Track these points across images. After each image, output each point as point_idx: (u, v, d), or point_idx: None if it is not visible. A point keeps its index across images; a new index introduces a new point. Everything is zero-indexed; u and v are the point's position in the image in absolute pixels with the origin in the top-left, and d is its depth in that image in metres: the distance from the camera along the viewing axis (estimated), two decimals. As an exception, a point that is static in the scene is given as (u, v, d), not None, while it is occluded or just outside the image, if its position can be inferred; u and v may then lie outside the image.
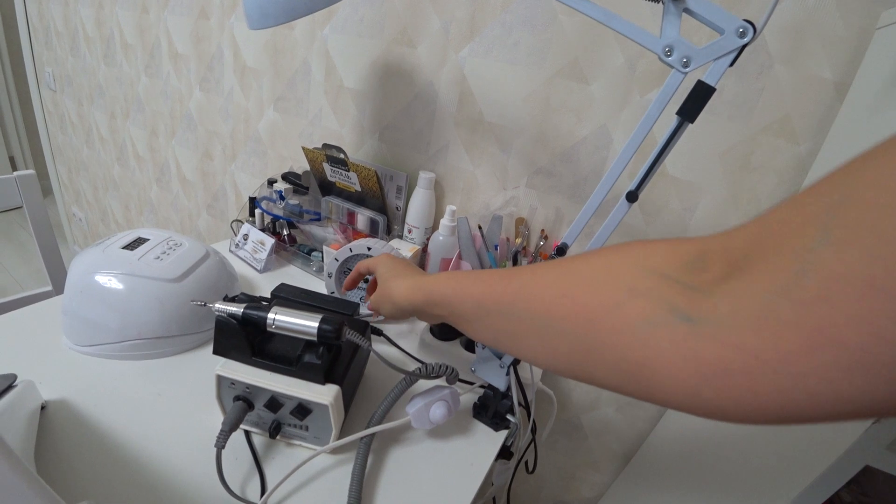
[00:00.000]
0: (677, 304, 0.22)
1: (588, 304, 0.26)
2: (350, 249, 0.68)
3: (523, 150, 0.80)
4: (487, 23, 0.77)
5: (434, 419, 0.56)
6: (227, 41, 1.18)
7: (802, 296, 0.18)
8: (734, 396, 0.20)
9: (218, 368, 0.50)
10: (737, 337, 0.19)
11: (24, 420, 0.47)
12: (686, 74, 0.39)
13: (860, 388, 0.17)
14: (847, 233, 0.17)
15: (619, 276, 0.26)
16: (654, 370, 0.22)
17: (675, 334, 0.21)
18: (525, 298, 0.31)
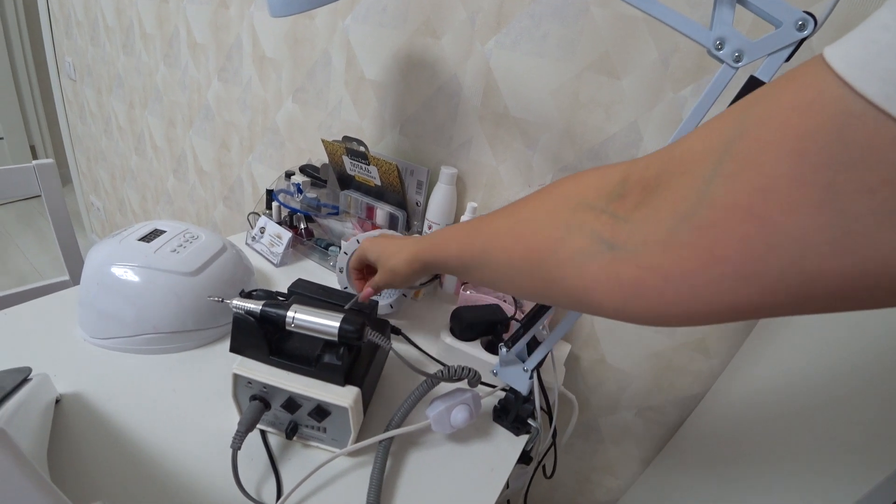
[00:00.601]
0: (603, 235, 0.26)
1: (537, 246, 0.30)
2: (357, 241, 0.66)
3: (549, 146, 0.78)
4: (515, 14, 0.74)
5: (455, 423, 0.55)
6: (247, 30, 1.16)
7: (698, 222, 0.21)
8: (651, 307, 0.24)
9: (235, 367, 0.49)
10: (648, 259, 0.23)
11: (39, 414, 0.46)
12: (737, 70, 0.36)
13: (742, 294, 0.21)
14: (735, 167, 0.20)
15: (558, 214, 0.30)
16: (593, 294, 0.26)
17: (602, 262, 0.25)
18: (489, 251, 0.35)
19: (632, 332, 0.82)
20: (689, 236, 0.21)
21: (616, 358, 0.86)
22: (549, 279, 0.30)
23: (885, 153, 0.16)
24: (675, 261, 0.22)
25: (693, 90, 0.65)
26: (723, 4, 0.35)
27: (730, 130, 0.21)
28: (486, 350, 0.68)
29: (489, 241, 0.36)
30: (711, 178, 0.21)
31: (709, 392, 0.80)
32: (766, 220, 0.19)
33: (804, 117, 0.18)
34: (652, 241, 0.23)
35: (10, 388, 0.43)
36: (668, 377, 0.82)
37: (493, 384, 0.63)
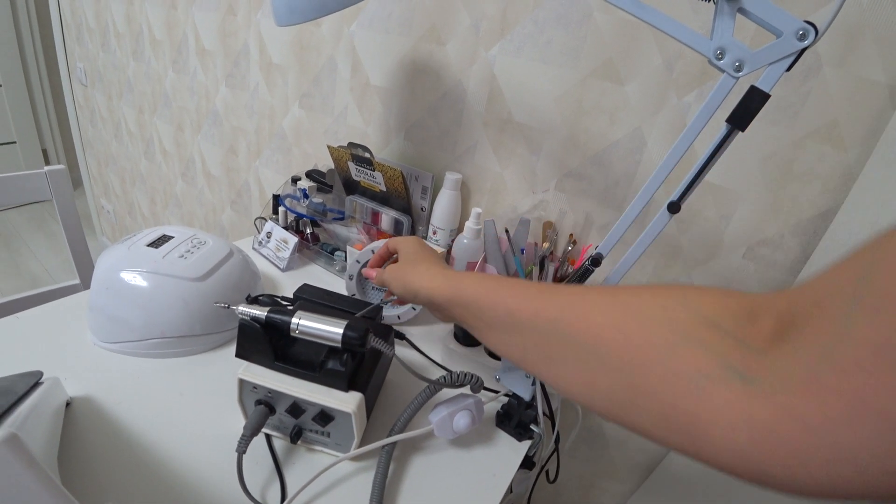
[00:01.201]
0: (733, 362, 0.22)
1: (641, 342, 0.25)
2: (371, 251, 0.67)
3: (553, 151, 0.78)
4: (519, 20, 0.75)
5: (457, 429, 0.55)
6: (254, 37, 1.18)
7: (842, 362, 0.18)
8: (783, 462, 0.19)
9: (240, 372, 0.50)
10: (786, 399, 0.19)
11: (50, 417, 0.47)
12: (738, 80, 0.36)
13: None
14: (876, 299, 0.18)
15: (674, 318, 0.25)
16: (706, 425, 0.22)
17: (730, 392, 0.21)
18: (569, 321, 0.29)
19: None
20: (835, 381, 0.18)
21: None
22: (644, 389, 0.25)
23: None
24: (818, 407, 0.18)
25: (697, 95, 0.65)
26: (723, 14, 0.35)
27: (864, 260, 0.19)
28: (489, 355, 0.68)
29: (572, 308, 0.29)
30: (850, 312, 0.18)
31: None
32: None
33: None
34: (792, 380, 0.20)
35: (22, 393, 0.44)
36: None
37: (496, 389, 0.63)
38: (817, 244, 0.63)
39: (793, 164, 0.63)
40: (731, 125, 0.36)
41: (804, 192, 0.63)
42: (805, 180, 0.63)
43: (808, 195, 0.63)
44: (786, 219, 0.65)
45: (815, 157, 0.61)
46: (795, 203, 0.64)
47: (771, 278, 0.68)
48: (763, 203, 0.66)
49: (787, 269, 0.67)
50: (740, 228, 0.68)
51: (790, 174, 0.63)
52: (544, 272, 0.75)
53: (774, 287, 0.68)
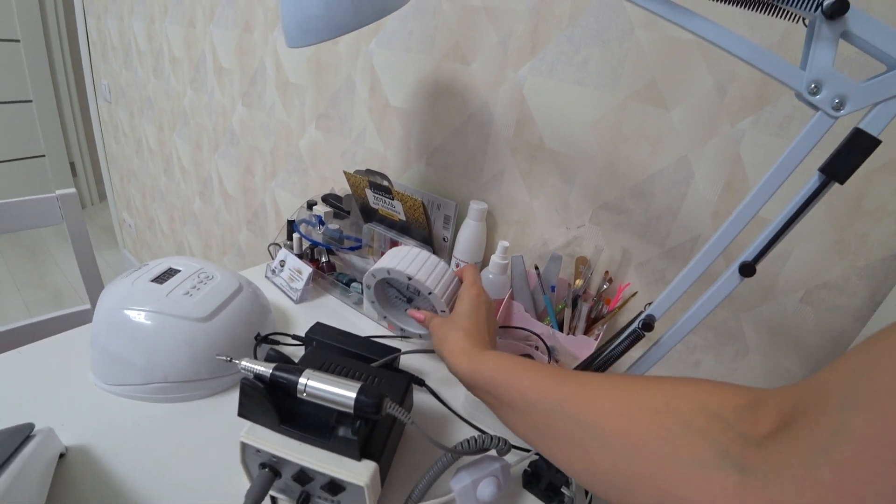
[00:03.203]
0: (729, 451, 0.22)
1: (642, 428, 0.26)
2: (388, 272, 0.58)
3: (588, 181, 0.72)
4: (552, 37, 0.69)
5: (482, 498, 0.49)
6: (270, 55, 1.15)
7: (838, 457, 0.18)
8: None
9: (242, 435, 0.45)
10: (780, 493, 0.20)
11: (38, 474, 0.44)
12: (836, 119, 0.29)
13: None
14: (871, 396, 0.18)
15: (678, 408, 0.26)
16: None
17: (725, 481, 0.22)
18: (576, 403, 0.30)
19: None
20: (829, 474, 0.18)
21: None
22: (641, 472, 0.25)
23: None
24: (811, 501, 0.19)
25: (753, 122, 0.58)
26: (822, 40, 0.28)
27: (861, 359, 0.20)
28: (517, 407, 0.62)
29: (579, 392, 0.31)
30: (846, 406, 0.19)
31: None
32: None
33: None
34: (787, 475, 0.20)
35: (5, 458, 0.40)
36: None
37: (525, 448, 0.57)
38: (889, 289, 0.56)
39: (862, 200, 0.55)
40: (826, 176, 0.30)
41: (875, 231, 0.56)
42: (876, 217, 0.55)
43: (879, 234, 0.56)
44: (852, 260, 0.58)
45: (889, 192, 0.54)
46: (864, 242, 0.57)
47: (833, 325, 0.61)
48: (826, 242, 0.58)
49: (853, 315, 0.59)
50: (799, 269, 0.61)
51: (859, 210, 0.56)
52: (577, 311, 0.68)
53: (836, 335, 0.61)
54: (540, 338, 0.66)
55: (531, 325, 0.67)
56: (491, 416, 0.61)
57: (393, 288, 0.63)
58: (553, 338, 0.66)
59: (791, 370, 0.64)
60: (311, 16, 0.52)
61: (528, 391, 0.34)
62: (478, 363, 0.41)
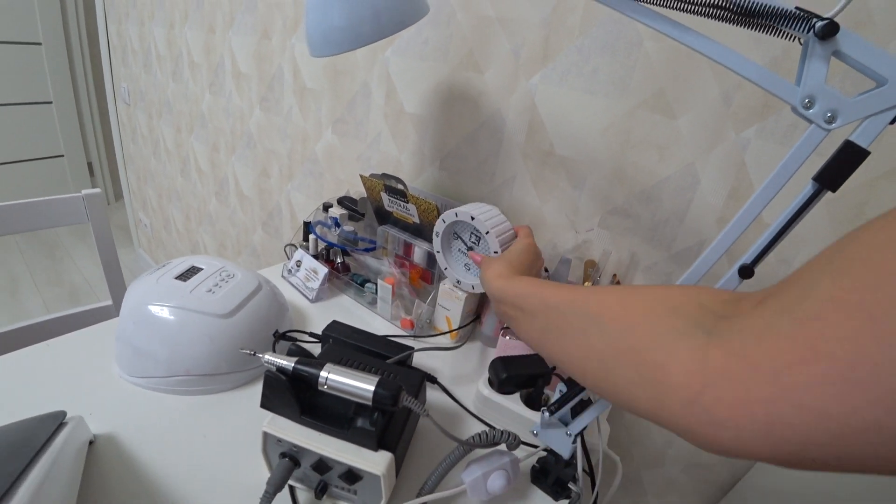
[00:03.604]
0: (704, 323, 0.25)
1: (635, 313, 0.29)
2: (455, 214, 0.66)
3: (597, 186, 0.74)
4: (563, 47, 0.71)
5: (492, 490, 0.51)
6: (288, 61, 1.18)
7: (801, 314, 0.19)
8: (728, 403, 0.21)
9: (265, 425, 0.47)
10: (741, 345, 0.21)
11: (71, 460, 0.46)
12: (829, 132, 0.31)
13: (845, 405, 0.17)
14: (844, 264, 0.19)
15: (671, 298, 0.28)
16: (667, 371, 0.24)
17: (692, 342, 0.24)
18: (586, 301, 0.33)
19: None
20: (789, 328, 0.20)
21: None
22: (627, 347, 0.28)
23: None
24: (769, 352, 0.20)
25: (758, 130, 0.60)
26: (814, 58, 0.30)
27: (841, 242, 0.21)
28: (525, 404, 0.64)
29: (591, 297, 0.34)
30: (820, 276, 0.20)
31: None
32: (874, 316, 0.17)
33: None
34: (748, 330, 0.22)
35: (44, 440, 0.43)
36: (722, 433, 0.76)
37: (533, 444, 0.59)
38: None
39: (864, 207, 0.57)
40: (819, 184, 0.32)
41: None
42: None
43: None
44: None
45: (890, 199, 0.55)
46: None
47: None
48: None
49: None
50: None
51: (861, 217, 0.57)
52: (585, 313, 0.70)
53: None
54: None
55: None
56: (500, 413, 0.63)
57: (458, 240, 0.71)
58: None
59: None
60: (334, 27, 0.55)
61: (548, 298, 0.37)
62: (511, 283, 0.45)
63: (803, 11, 0.29)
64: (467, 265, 0.71)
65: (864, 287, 0.18)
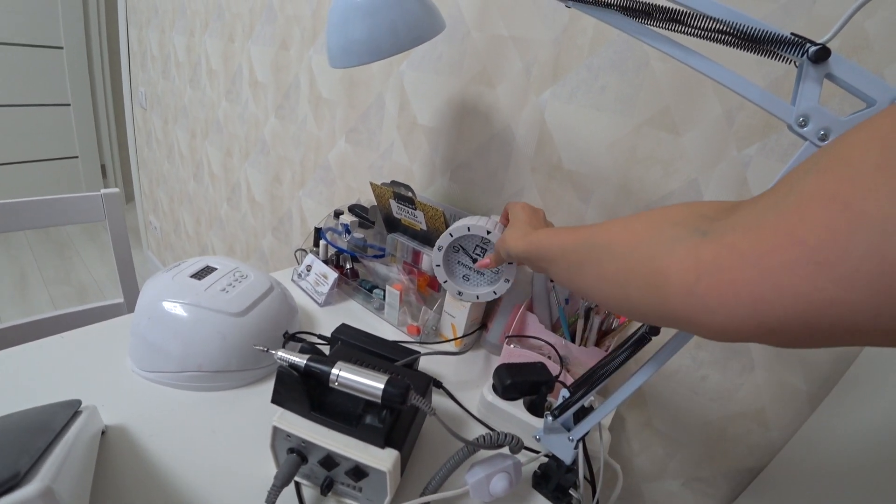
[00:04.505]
0: (701, 226, 0.26)
1: (640, 233, 0.31)
2: (468, 229, 0.66)
3: (604, 200, 0.76)
4: (573, 66, 0.74)
5: (494, 492, 0.52)
6: (305, 72, 1.21)
7: (784, 208, 0.21)
8: (718, 289, 0.23)
9: (275, 420, 0.49)
10: (731, 238, 0.23)
11: (86, 447, 0.48)
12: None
13: (814, 284, 0.19)
14: (827, 162, 0.21)
15: (672, 214, 0.30)
16: (667, 273, 0.26)
17: (689, 243, 0.26)
18: (597, 234, 0.36)
19: (682, 397, 0.77)
20: (773, 219, 0.22)
21: (664, 422, 0.81)
22: (636, 263, 0.29)
23: None
24: (754, 241, 0.22)
25: (759, 148, 0.62)
26: (808, 80, 0.32)
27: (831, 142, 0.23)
28: (528, 411, 0.65)
29: (601, 229, 0.36)
30: (805, 174, 0.22)
31: (767, 467, 0.73)
32: (848, 203, 0.19)
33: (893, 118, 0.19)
34: (739, 225, 0.24)
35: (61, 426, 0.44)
36: (720, 447, 0.76)
37: (535, 449, 0.60)
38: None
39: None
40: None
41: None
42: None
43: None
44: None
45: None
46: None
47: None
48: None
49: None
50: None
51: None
52: (589, 324, 0.71)
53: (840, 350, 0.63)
54: (553, 347, 0.69)
55: (545, 335, 0.70)
56: (503, 419, 0.65)
57: (460, 252, 0.71)
58: (566, 348, 0.69)
59: (796, 386, 0.66)
60: (354, 40, 0.57)
61: (565, 242, 0.40)
62: (531, 239, 0.47)
63: (798, 37, 0.31)
64: (466, 276, 0.71)
65: (841, 180, 0.19)
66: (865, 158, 0.19)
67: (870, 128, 0.20)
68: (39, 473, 0.33)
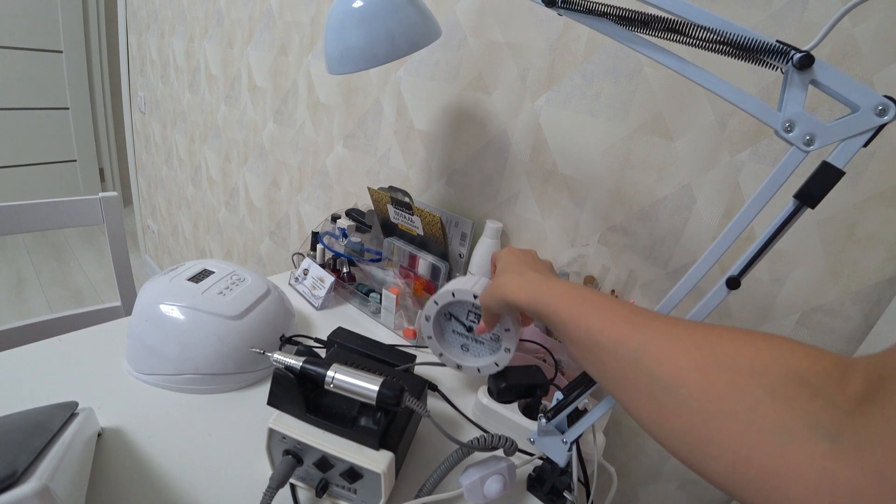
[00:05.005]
0: (819, 420, 0.21)
1: (722, 389, 0.25)
2: (452, 294, 0.60)
3: (598, 205, 0.76)
4: (567, 72, 0.75)
5: (488, 494, 0.52)
6: (303, 77, 1.22)
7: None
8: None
9: (271, 421, 0.49)
10: (874, 464, 0.19)
11: (82, 449, 0.47)
12: (808, 154, 0.34)
13: None
14: None
15: (763, 370, 0.24)
16: (784, 481, 0.21)
17: (814, 450, 0.21)
18: (652, 354, 0.28)
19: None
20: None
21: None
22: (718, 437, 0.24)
23: None
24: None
25: (751, 154, 0.63)
26: (793, 86, 0.33)
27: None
28: (523, 414, 0.65)
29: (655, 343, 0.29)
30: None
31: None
32: None
33: None
34: (880, 444, 0.19)
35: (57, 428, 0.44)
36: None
37: (530, 452, 0.60)
38: (882, 312, 0.59)
39: (854, 228, 0.59)
40: (799, 201, 0.34)
41: (867, 257, 0.59)
42: (867, 244, 0.59)
43: (871, 260, 0.59)
44: (846, 285, 0.61)
45: (880, 221, 0.58)
46: (857, 268, 0.60)
47: (828, 347, 0.63)
48: (820, 267, 0.62)
49: (847, 337, 0.62)
50: (795, 293, 0.64)
51: (851, 238, 0.59)
52: (583, 327, 0.72)
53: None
54: (549, 351, 0.70)
55: (540, 338, 0.71)
56: (498, 422, 0.65)
57: (452, 321, 0.65)
58: (561, 351, 0.70)
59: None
60: (351, 47, 0.58)
61: (597, 333, 0.32)
62: (537, 290, 0.40)
63: (783, 44, 0.32)
64: (465, 346, 0.66)
65: None
66: None
67: None
68: (36, 472, 0.34)
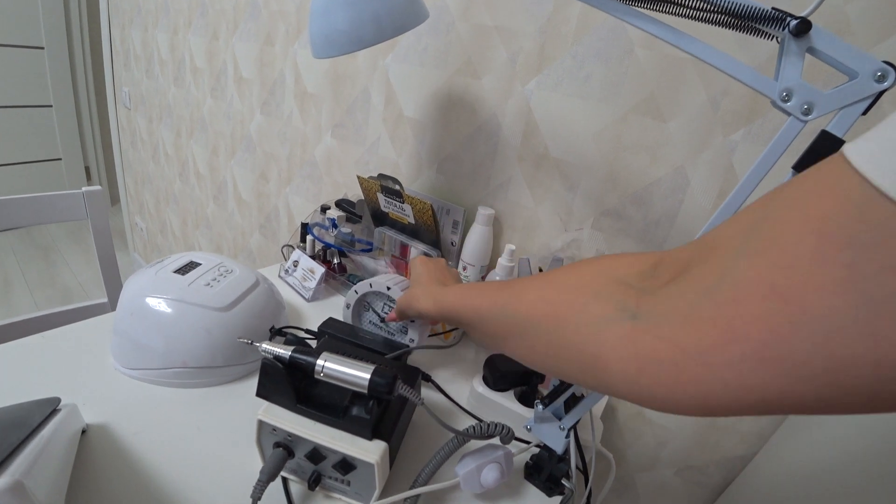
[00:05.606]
0: (627, 304, 0.26)
1: (560, 307, 0.30)
2: (370, 285, 0.65)
3: (591, 189, 0.75)
4: (557, 55, 0.73)
5: (485, 483, 0.52)
6: (290, 67, 1.20)
7: (720, 297, 0.21)
8: (664, 384, 0.22)
9: (260, 413, 0.48)
10: (668, 331, 0.22)
11: (63, 446, 0.46)
12: (806, 123, 0.33)
13: (762, 379, 0.19)
14: (760, 245, 0.20)
15: (588, 283, 0.30)
16: (605, 361, 0.25)
17: (622, 329, 0.25)
18: (512, 303, 0.35)
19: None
20: (710, 311, 0.21)
21: (656, 412, 0.81)
22: (564, 343, 0.29)
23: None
24: (693, 335, 0.21)
25: (744, 134, 0.62)
26: (790, 54, 0.32)
27: (757, 213, 0.22)
28: (519, 402, 0.64)
29: (514, 294, 0.35)
30: (737, 256, 0.21)
31: (758, 454, 0.74)
32: (788, 297, 0.18)
33: (825, 200, 0.18)
34: (673, 313, 0.23)
35: (37, 423, 0.43)
36: (712, 436, 0.77)
37: (527, 440, 0.59)
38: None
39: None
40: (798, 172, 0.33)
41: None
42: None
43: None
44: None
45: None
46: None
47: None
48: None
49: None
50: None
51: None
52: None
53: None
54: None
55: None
56: (494, 410, 0.64)
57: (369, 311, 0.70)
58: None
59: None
60: (337, 30, 0.57)
61: (480, 308, 0.39)
62: (439, 300, 0.46)
63: (779, 11, 0.31)
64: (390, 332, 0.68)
65: (777, 268, 0.19)
66: (800, 246, 0.18)
67: (802, 206, 0.19)
68: (10, 468, 0.32)
